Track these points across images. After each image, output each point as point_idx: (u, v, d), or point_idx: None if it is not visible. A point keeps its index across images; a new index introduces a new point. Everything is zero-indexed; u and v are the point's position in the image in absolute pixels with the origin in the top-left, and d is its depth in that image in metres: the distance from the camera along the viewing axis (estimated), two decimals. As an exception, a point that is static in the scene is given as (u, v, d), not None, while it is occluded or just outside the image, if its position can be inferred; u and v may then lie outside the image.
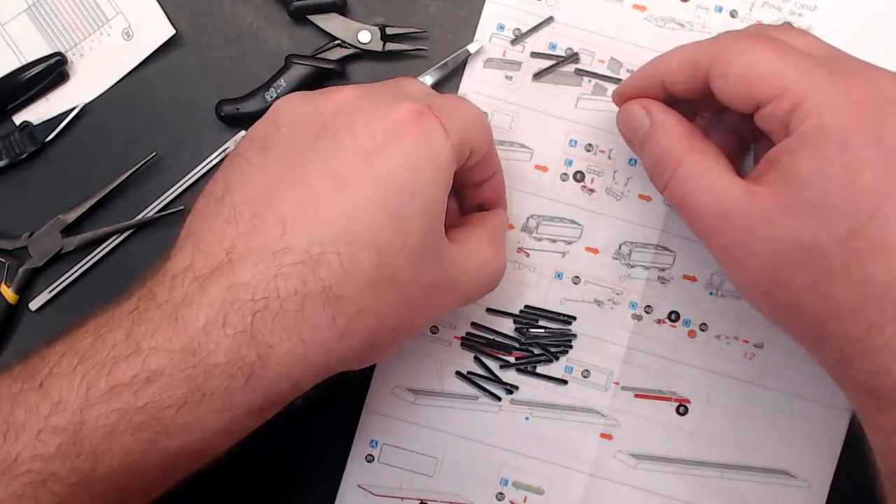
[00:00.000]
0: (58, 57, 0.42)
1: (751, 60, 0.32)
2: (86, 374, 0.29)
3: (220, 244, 0.30)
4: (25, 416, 0.29)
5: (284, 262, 0.29)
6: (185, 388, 0.29)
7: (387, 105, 0.32)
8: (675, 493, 0.42)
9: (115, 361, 0.29)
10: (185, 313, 0.29)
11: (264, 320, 0.29)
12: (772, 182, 0.32)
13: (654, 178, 0.36)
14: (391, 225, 0.31)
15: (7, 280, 0.42)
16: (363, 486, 0.42)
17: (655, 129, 0.36)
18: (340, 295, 0.30)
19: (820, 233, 0.30)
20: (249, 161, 0.32)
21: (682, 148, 0.35)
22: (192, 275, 0.30)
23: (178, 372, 0.29)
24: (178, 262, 0.31)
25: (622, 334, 0.42)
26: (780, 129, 0.32)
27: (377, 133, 0.31)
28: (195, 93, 0.43)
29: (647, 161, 0.36)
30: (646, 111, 0.36)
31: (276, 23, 0.44)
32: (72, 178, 0.43)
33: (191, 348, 0.29)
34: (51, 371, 0.30)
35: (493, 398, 0.42)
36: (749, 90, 0.32)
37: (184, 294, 0.30)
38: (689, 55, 0.35)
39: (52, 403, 0.29)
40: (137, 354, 0.29)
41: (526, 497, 0.42)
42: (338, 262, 0.30)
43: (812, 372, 0.41)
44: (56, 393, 0.29)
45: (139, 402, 0.29)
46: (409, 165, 0.31)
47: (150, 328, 0.29)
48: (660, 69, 0.36)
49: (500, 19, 0.43)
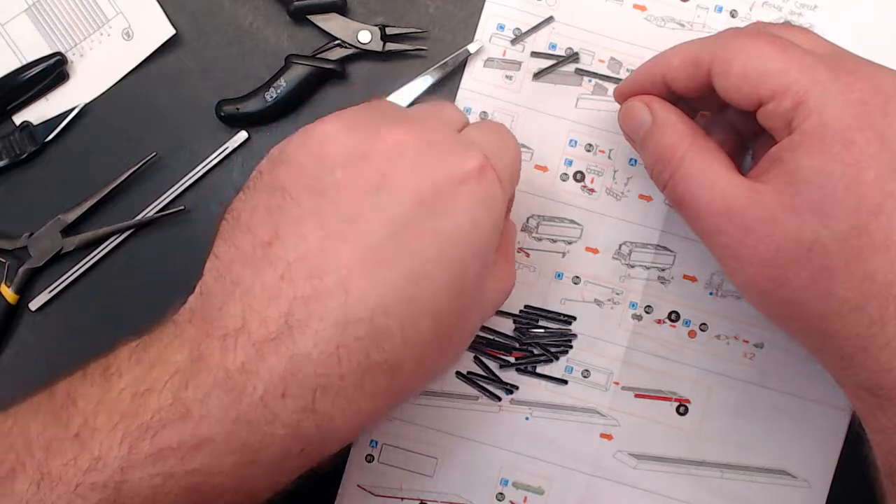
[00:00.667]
0: (58, 57, 0.43)
1: (753, 58, 0.32)
2: (127, 432, 0.27)
3: (277, 307, 0.28)
4: (62, 468, 0.28)
5: (348, 333, 0.28)
6: (237, 455, 0.28)
7: (449, 157, 0.31)
8: (675, 493, 0.42)
9: (161, 425, 0.27)
10: (241, 382, 0.28)
11: (325, 394, 0.28)
12: (773, 180, 0.32)
13: (654, 176, 0.36)
14: (452, 287, 0.30)
15: (7, 280, 0.42)
16: (363, 486, 0.42)
17: (657, 127, 0.36)
18: (399, 362, 0.30)
19: (822, 230, 0.30)
20: (300, 205, 0.29)
21: (683, 146, 0.35)
22: (248, 339, 0.28)
23: (231, 440, 0.28)
24: (228, 318, 0.28)
25: (622, 334, 0.42)
26: (783, 127, 0.32)
27: (441, 189, 0.30)
28: (195, 93, 0.43)
29: (648, 158, 0.36)
30: (647, 108, 0.36)
31: (276, 23, 0.44)
32: (72, 178, 0.43)
33: (246, 418, 0.28)
34: (86, 422, 0.28)
35: (493, 398, 0.42)
36: (751, 88, 0.32)
37: (239, 361, 0.28)
38: (691, 53, 0.35)
39: (92, 459, 0.27)
40: (186, 420, 0.27)
41: (526, 497, 0.42)
42: (400, 331, 0.29)
43: (812, 372, 0.41)
44: (95, 448, 0.27)
45: (187, 468, 0.28)
46: (472, 224, 0.31)
47: (201, 394, 0.28)
48: (661, 67, 0.36)
49: (500, 19, 0.43)
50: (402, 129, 0.31)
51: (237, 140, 0.43)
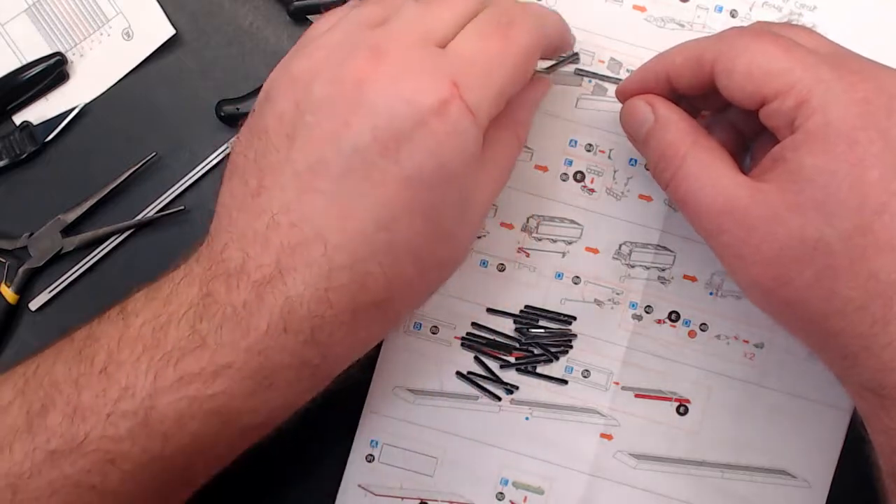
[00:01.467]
0: (58, 57, 0.43)
1: (756, 57, 0.32)
2: (151, 362, 0.30)
3: (268, 253, 0.30)
4: (93, 399, 0.30)
5: (333, 281, 0.30)
6: (254, 380, 0.31)
7: (410, 91, 0.30)
8: (675, 493, 0.42)
9: (181, 354, 0.30)
10: (246, 317, 0.30)
11: (322, 328, 0.31)
12: (777, 179, 0.32)
13: (656, 175, 0.36)
14: (427, 226, 0.31)
15: (7, 280, 0.42)
16: (363, 486, 0.42)
17: (659, 125, 0.36)
18: (389, 298, 0.32)
19: (825, 229, 0.30)
20: (278, 152, 0.31)
21: (686, 144, 0.34)
22: (247, 280, 0.30)
23: (246, 367, 0.30)
24: (229, 260, 0.31)
25: (622, 334, 0.42)
26: (785, 126, 0.32)
27: (399, 131, 0.30)
28: (195, 93, 0.43)
29: (651, 157, 0.36)
30: (650, 107, 0.36)
31: (276, 23, 0.44)
32: (72, 178, 0.43)
33: (257, 349, 0.30)
34: (111, 357, 0.31)
35: (493, 398, 0.42)
36: (754, 86, 0.32)
37: (243, 299, 0.30)
38: (694, 51, 0.35)
39: (121, 388, 0.30)
40: (204, 349, 0.30)
41: (526, 497, 0.42)
42: (382, 275, 0.31)
43: (812, 372, 0.41)
44: (123, 379, 0.30)
45: (209, 391, 0.30)
46: (437, 165, 0.31)
47: (214, 325, 0.30)
48: (663, 65, 0.36)
49: (500, 19, 0.43)
50: (365, 62, 0.31)
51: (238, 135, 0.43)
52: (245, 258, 0.31)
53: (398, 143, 0.30)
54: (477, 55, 0.32)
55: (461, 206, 0.33)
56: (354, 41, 0.32)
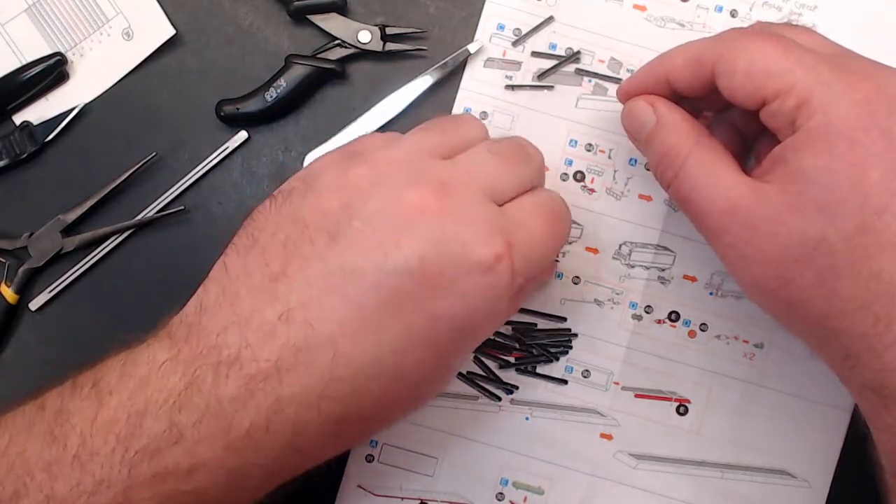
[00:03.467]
0: (58, 57, 0.43)
1: (757, 57, 0.32)
2: (125, 454, 0.29)
3: (271, 347, 0.29)
4: (67, 491, 0.29)
5: (330, 389, 0.29)
6: (228, 478, 0.30)
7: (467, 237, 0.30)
8: (675, 493, 0.42)
9: (157, 448, 0.29)
10: (230, 412, 0.29)
11: (305, 434, 0.30)
12: (778, 179, 0.32)
13: (658, 176, 0.36)
14: (436, 363, 0.31)
15: (7, 280, 0.42)
16: (363, 486, 0.42)
17: (661, 126, 0.36)
18: (375, 418, 0.32)
19: (827, 229, 0.30)
20: (313, 246, 0.30)
21: (687, 145, 0.34)
22: (240, 372, 0.29)
23: (222, 465, 0.29)
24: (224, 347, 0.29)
25: (622, 334, 0.42)
26: (786, 126, 0.32)
27: (446, 270, 0.30)
28: (195, 93, 0.43)
29: (652, 158, 0.36)
30: (651, 107, 0.36)
31: (276, 23, 0.44)
32: (72, 178, 0.43)
33: (235, 447, 0.29)
34: (84, 443, 0.29)
35: (493, 398, 0.42)
36: (755, 86, 0.32)
37: (231, 394, 0.29)
38: (694, 52, 0.35)
39: (95, 482, 0.29)
40: (181, 444, 0.29)
41: (526, 497, 0.42)
42: (379, 393, 0.30)
43: (812, 372, 0.41)
44: (97, 471, 0.29)
45: (183, 488, 0.29)
46: (468, 313, 0.30)
47: (194, 419, 0.29)
48: (664, 66, 0.36)
49: (500, 19, 0.43)
50: (431, 193, 0.31)
51: (237, 140, 0.43)
52: (243, 346, 0.29)
53: (440, 280, 0.30)
54: (532, 227, 0.33)
55: (469, 350, 0.33)
56: (420, 168, 0.32)
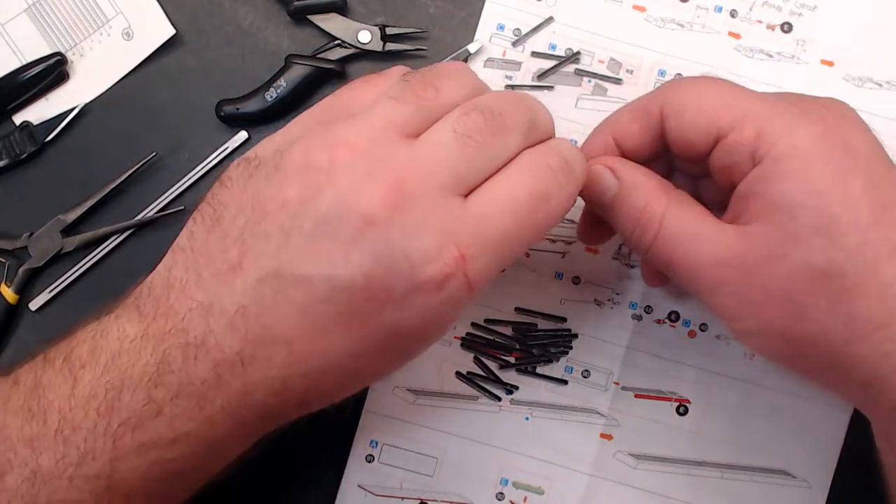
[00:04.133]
0: (58, 57, 0.43)
1: (704, 93, 0.32)
2: (108, 427, 0.29)
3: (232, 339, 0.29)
4: (53, 464, 0.29)
5: (290, 381, 0.30)
6: (209, 446, 0.31)
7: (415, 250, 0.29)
8: (675, 493, 0.42)
9: (138, 421, 0.30)
10: (202, 392, 0.30)
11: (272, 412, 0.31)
12: (759, 216, 0.31)
13: (633, 242, 0.34)
14: (390, 362, 0.32)
15: (7, 280, 0.42)
16: (363, 486, 0.42)
17: (625, 189, 0.34)
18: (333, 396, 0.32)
19: (832, 252, 0.30)
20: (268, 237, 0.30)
21: (661, 204, 0.33)
22: (207, 355, 0.29)
23: (201, 435, 0.30)
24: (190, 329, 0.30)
25: (622, 334, 0.42)
26: (745, 160, 0.31)
27: (393, 287, 0.29)
28: (195, 93, 0.43)
29: (623, 225, 0.34)
30: (609, 171, 0.34)
31: (276, 23, 0.44)
32: (72, 178, 0.43)
33: (211, 421, 0.30)
34: (64, 418, 0.30)
35: (493, 398, 0.42)
36: (708, 120, 0.32)
37: (201, 374, 0.30)
38: (639, 105, 0.34)
39: (80, 454, 0.29)
40: (161, 417, 0.30)
41: (526, 497, 0.42)
42: (333, 388, 0.32)
43: (812, 372, 0.41)
44: (81, 444, 0.29)
45: (167, 456, 0.30)
46: (421, 325, 0.30)
47: (170, 394, 0.30)
48: (610, 129, 0.35)
49: (500, 19, 0.43)
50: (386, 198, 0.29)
51: (237, 140, 0.43)
52: (207, 332, 0.29)
53: (388, 296, 0.29)
54: (498, 224, 0.30)
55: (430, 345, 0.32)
56: (381, 158, 0.29)
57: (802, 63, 0.43)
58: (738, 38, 0.43)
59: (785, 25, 0.43)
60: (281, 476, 0.42)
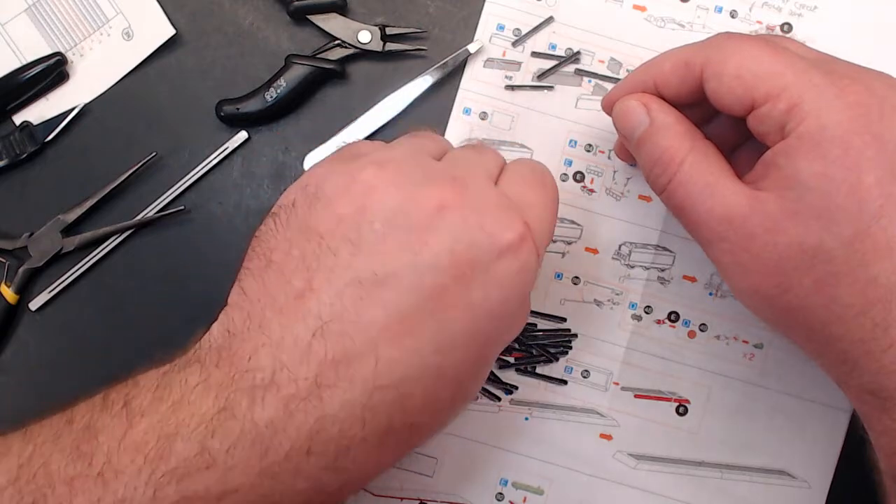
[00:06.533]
0: (58, 57, 0.43)
1: (747, 59, 0.32)
2: (152, 476, 0.27)
3: (308, 365, 0.28)
4: None
5: (374, 399, 0.28)
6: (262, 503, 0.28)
7: (491, 224, 0.30)
8: (674, 493, 0.42)
9: (186, 472, 0.27)
10: (268, 436, 0.28)
11: (349, 452, 0.29)
12: (774, 186, 0.31)
13: (651, 180, 0.35)
14: (478, 356, 0.31)
15: (7, 280, 0.42)
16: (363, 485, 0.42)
17: (655, 128, 0.35)
18: (419, 423, 0.30)
19: (825, 236, 0.30)
20: (336, 256, 0.29)
21: (683, 149, 0.34)
22: (276, 394, 0.28)
23: (254, 491, 0.28)
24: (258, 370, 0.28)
25: (622, 334, 0.42)
26: (776, 131, 0.32)
27: (478, 260, 0.29)
28: (195, 93, 0.43)
29: (646, 161, 0.36)
30: (644, 108, 0.35)
31: (276, 23, 0.44)
32: (72, 178, 0.43)
33: (271, 472, 0.28)
34: (109, 461, 0.28)
35: (493, 398, 0.42)
36: (744, 89, 0.32)
37: (268, 417, 0.28)
38: (682, 56, 0.34)
39: (116, 500, 0.27)
40: (212, 469, 0.27)
41: (526, 497, 0.42)
42: (423, 397, 0.29)
43: (812, 372, 0.41)
44: (120, 489, 0.27)
45: None
46: (503, 298, 0.30)
47: (227, 444, 0.27)
48: (651, 72, 0.36)
49: (500, 19, 0.43)
50: (447, 189, 0.30)
51: (237, 140, 0.43)
52: (278, 368, 0.28)
53: (473, 271, 0.29)
54: (532, 200, 0.33)
55: (506, 341, 0.33)
56: (426, 166, 0.32)
57: (802, 63, 0.43)
58: (739, 39, 0.43)
59: (785, 26, 0.43)
60: (281, 476, 0.42)
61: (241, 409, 0.28)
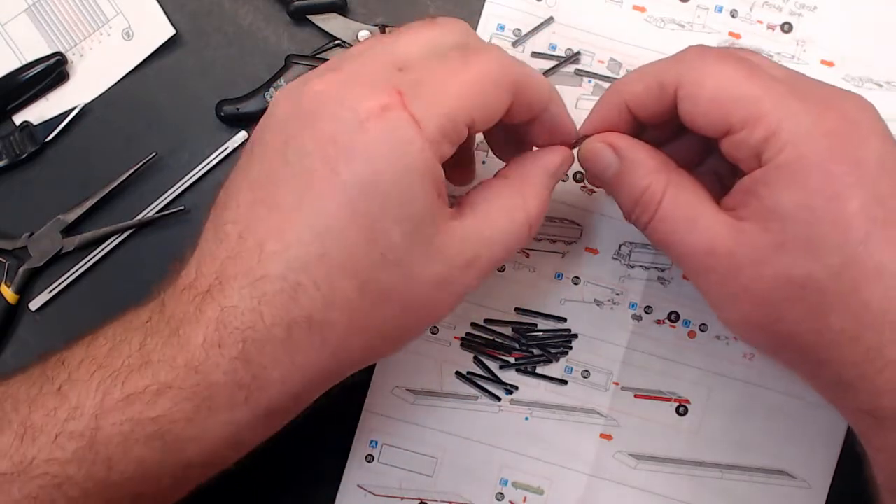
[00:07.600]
0: (58, 57, 0.43)
1: (723, 82, 0.31)
2: (102, 380, 0.30)
3: (213, 265, 0.30)
4: (43, 419, 0.30)
5: (265, 290, 0.29)
6: (193, 402, 0.30)
7: (351, 97, 0.29)
8: (674, 493, 0.42)
9: (129, 371, 0.30)
10: (186, 331, 0.30)
11: (255, 344, 0.29)
12: (755, 217, 0.31)
13: (632, 220, 0.35)
14: (364, 240, 0.29)
15: (7, 280, 0.42)
16: (363, 486, 0.42)
17: (626, 167, 0.34)
18: (326, 319, 0.30)
19: (813, 267, 0.30)
20: (241, 168, 0.32)
21: (660, 186, 0.33)
22: (194, 292, 0.30)
23: (185, 386, 0.29)
24: (186, 275, 0.31)
25: (622, 334, 0.42)
26: (751, 158, 0.31)
27: (340, 135, 0.29)
28: (195, 93, 0.43)
29: (623, 202, 0.35)
30: (611, 148, 0.34)
31: (276, 23, 0.44)
32: (72, 178, 0.43)
33: (192, 365, 0.29)
34: (69, 376, 0.30)
35: (493, 398, 0.42)
36: (721, 114, 0.31)
37: (186, 311, 0.30)
38: (655, 77, 0.33)
39: (70, 408, 0.29)
40: (148, 366, 0.30)
41: (526, 497, 0.42)
42: (315, 288, 0.29)
43: (812, 372, 0.42)
44: (74, 398, 0.30)
45: (152, 413, 0.29)
46: (374, 171, 0.29)
47: (160, 341, 0.30)
48: (624, 94, 0.34)
49: (500, 20, 0.43)
50: (324, 76, 0.31)
51: (237, 140, 0.43)
52: (197, 273, 0.31)
53: (337, 148, 0.29)
54: (432, 73, 0.31)
55: (412, 233, 0.30)
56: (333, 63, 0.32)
57: (802, 63, 0.43)
58: (739, 39, 0.43)
59: (785, 25, 0.43)
60: (281, 476, 0.42)
61: (170, 310, 0.30)
